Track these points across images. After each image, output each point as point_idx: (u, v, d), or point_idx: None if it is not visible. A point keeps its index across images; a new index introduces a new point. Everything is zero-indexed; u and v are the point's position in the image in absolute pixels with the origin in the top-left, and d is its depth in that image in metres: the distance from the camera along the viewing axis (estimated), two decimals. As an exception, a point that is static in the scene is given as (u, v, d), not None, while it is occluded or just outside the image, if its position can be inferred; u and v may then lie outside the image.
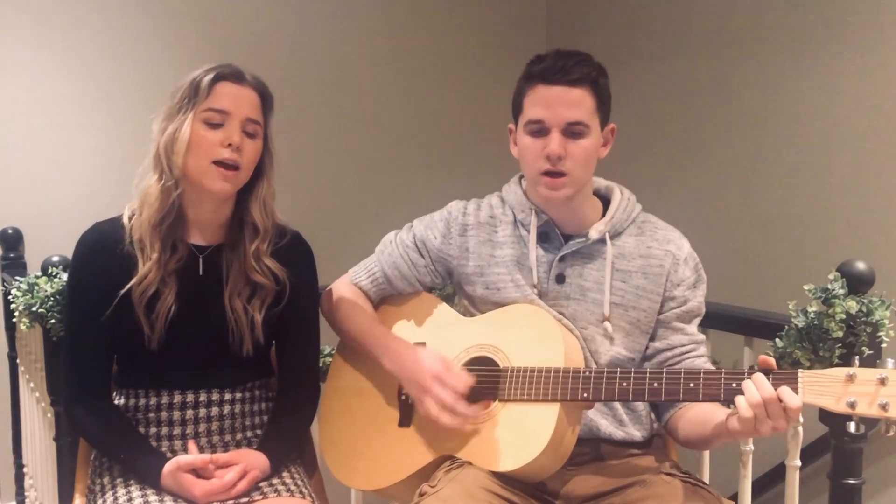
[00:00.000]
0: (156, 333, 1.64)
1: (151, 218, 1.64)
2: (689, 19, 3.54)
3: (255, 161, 1.68)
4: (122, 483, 1.64)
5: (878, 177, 2.88)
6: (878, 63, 2.85)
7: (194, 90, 1.62)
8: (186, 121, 1.61)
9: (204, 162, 1.61)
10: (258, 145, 1.67)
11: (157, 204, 1.63)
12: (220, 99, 1.63)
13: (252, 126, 1.65)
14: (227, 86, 1.64)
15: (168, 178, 1.62)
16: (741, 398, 1.38)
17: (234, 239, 1.71)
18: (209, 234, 1.72)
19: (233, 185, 1.64)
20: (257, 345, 1.70)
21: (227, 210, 1.71)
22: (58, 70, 3.25)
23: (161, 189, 1.63)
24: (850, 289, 1.76)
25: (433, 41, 4.00)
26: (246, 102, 1.65)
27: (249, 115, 1.65)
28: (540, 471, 1.55)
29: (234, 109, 1.63)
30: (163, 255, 1.64)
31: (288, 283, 1.73)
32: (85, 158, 3.30)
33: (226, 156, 1.61)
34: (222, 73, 1.65)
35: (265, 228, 1.71)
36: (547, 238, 1.70)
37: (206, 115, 1.62)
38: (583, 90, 1.59)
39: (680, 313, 1.67)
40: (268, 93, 1.71)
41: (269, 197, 1.72)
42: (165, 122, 1.64)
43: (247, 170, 1.66)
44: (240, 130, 1.63)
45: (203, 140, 1.61)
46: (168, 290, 1.64)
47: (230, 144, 1.61)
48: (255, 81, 1.69)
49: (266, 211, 1.71)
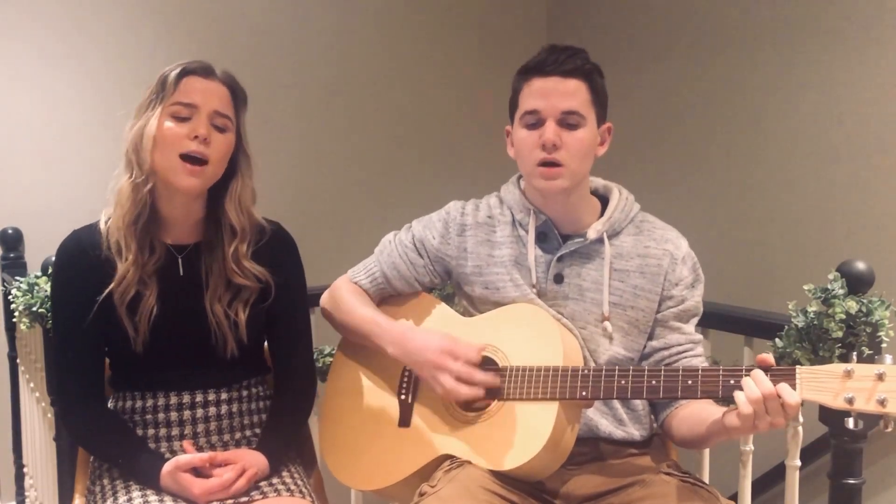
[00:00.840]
0: (140, 335, 1.63)
1: (125, 217, 1.62)
2: (688, 19, 3.54)
3: (226, 156, 1.66)
4: (122, 485, 1.64)
5: (878, 177, 2.88)
6: (878, 63, 2.85)
7: (161, 85, 1.62)
8: (154, 116, 1.60)
9: (171, 156, 1.59)
10: (229, 139, 1.65)
11: (128, 203, 1.62)
12: (188, 93, 1.62)
13: (221, 120, 1.64)
14: (195, 80, 1.63)
15: (138, 174, 1.61)
16: (740, 394, 1.38)
17: (212, 239, 1.70)
18: (184, 233, 1.70)
19: (201, 180, 1.62)
20: (242, 345, 1.69)
21: (200, 208, 1.70)
22: (58, 70, 3.25)
23: (132, 186, 1.62)
24: (849, 289, 1.76)
25: (433, 41, 4.00)
26: (214, 96, 1.63)
27: (218, 109, 1.63)
28: (539, 470, 1.55)
29: (201, 103, 1.61)
30: (140, 256, 1.63)
31: (273, 281, 1.71)
32: (85, 158, 3.30)
33: (192, 148, 1.59)
34: (190, 67, 1.64)
35: (243, 228, 1.69)
36: (545, 238, 1.70)
37: (174, 109, 1.61)
38: (577, 81, 1.61)
39: (677, 312, 1.67)
40: (239, 88, 1.69)
41: (244, 196, 1.70)
42: (135, 119, 1.64)
43: (216, 164, 1.63)
44: (207, 123, 1.61)
45: (169, 133, 1.60)
46: (149, 292, 1.63)
47: (196, 136, 1.59)
48: (225, 76, 1.68)
49: (242, 210, 1.69)
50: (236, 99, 1.68)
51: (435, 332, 1.66)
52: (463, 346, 1.60)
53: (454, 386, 1.57)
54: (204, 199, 1.70)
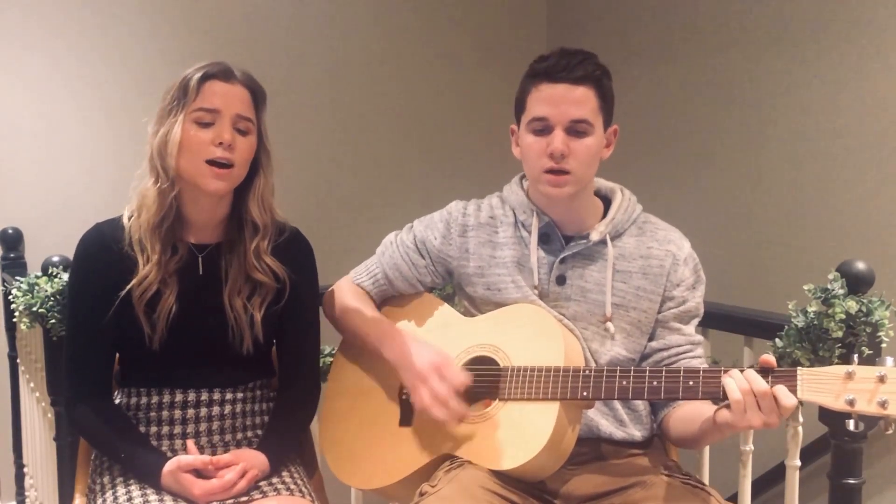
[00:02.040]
0: (157, 334, 1.64)
1: (150, 220, 1.64)
2: (689, 20, 3.54)
3: (250, 158, 1.67)
4: (123, 482, 1.64)
5: (878, 177, 2.88)
6: (879, 63, 2.85)
7: (183, 91, 1.62)
8: (177, 122, 1.61)
9: (197, 162, 1.61)
10: (251, 142, 1.67)
11: (154, 206, 1.63)
12: (210, 98, 1.62)
13: (244, 123, 1.65)
14: (216, 84, 1.64)
15: (164, 180, 1.62)
16: (730, 381, 1.38)
17: (233, 237, 1.71)
18: (208, 233, 1.72)
19: (227, 183, 1.64)
20: (257, 343, 1.70)
21: (225, 208, 1.71)
22: (57, 70, 3.25)
23: (158, 191, 1.63)
24: (849, 289, 1.76)
25: (434, 41, 4.00)
26: (236, 100, 1.64)
27: (240, 112, 1.64)
28: (540, 470, 1.55)
29: (223, 107, 1.62)
30: (163, 257, 1.64)
31: (288, 280, 1.73)
32: (85, 159, 3.30)
33: (218, 154, 1.61)
34: (210, 71, 1.64)
35: (264, 225, 1.71)
36: (548, 239, 1.70)
37: (197, 115, 1.62)
38: (587, 88, 1.60)
39: (678, 313, 1.67)
40: (259, 89, 1.70)
41: (266, 193, 1.72)
42: (157, 125, 1.64)
43: (241, 167, 1.65)
44: (230, 128, 1.62)
45: (194, 140, 1.61)
46: (169, 291, 1.64)
47: (221, 143, 1.61)
48: (245, 78, 1.68)
49: (264, 207, 1.71)
50: (256, 99, 1.69)
51: (431, 347, 1.65)
52: (452, 370, 1.59)
53: (430, 403, 1.58)
54: (229, 200, 1.71)
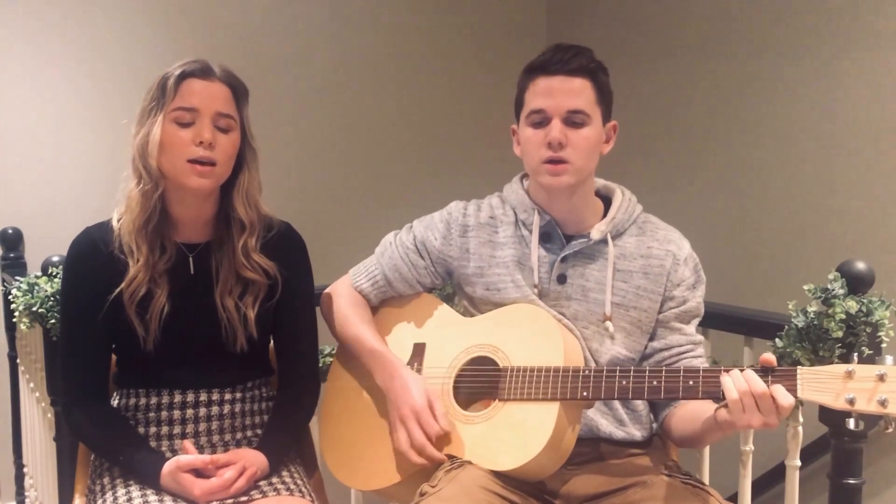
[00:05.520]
0: (150, 334, 1.64)
1: (136, 221, 1.63)
2: (688, 20, 3.54)
3: (233, 155, 1.66)
4: (122, 483, 1.64)
5: (878, 177, 2.88)
6: (878, 62, 2.85)
7: (162, 90, 1.61)
8: (157, 123, 1.60)
9: (178, 161, 1.60)
10: (234, 138, 1.65)
11: (138, 208, 1.62)
12: (188, 97, 1.61)
13: (224, 121, 1.63)
14: (195, 82, 1.62)
15: (146, 181, 1.61)
16: (728, 380, 1.39)
17: (222, 236, 1.70)
18: (196, 231, 1.71)
19: (211, 180, 1.62)
20: (252, 341, 1.69)
21: (212, 206, 1.70)
22: (57, 70, 3.25)
23: (141, 193, 1.62)
24: (849, 289, 1.76)
25: (433, 41, 4.00)
26: (215, 97, 1.63)
27: (220, 110, 1.62)
28: (540, 470, 1.55)
29: (203, 106, 1.61)
30: (151, 257, 1.63)
31: (280, 276, 1.72)
32: (85, 158, 3.30)
33: (199, 154, 1.59)
34: (188, 69, 1.62)
35: (251, 222, 1.69)
36: (549, 238, 1.70)
37: (176, 115, 1.60)
38: (583, 80, 1.61)
39: (678, 313, 1.67)
40: (240, 85, 1.68)
41: (252, 189, 1.70)
42: (139, 126, 1.63)
43: (224, 165, 1.64)
44: (211, 126, 1.61)
45: (174, 139, 1.60)
46: (160, 291, 1.64)
47: (202, 142, 1.60)
48: (225, 74, 1.66)
49: (249, 203, 1.69)
50: (237, 96, 1.67)
51: (418, 384, 1.64)
52: (430, 419, 1.59)
53: (405, 448, 1.60)
54: (215, 198, 1.70)
